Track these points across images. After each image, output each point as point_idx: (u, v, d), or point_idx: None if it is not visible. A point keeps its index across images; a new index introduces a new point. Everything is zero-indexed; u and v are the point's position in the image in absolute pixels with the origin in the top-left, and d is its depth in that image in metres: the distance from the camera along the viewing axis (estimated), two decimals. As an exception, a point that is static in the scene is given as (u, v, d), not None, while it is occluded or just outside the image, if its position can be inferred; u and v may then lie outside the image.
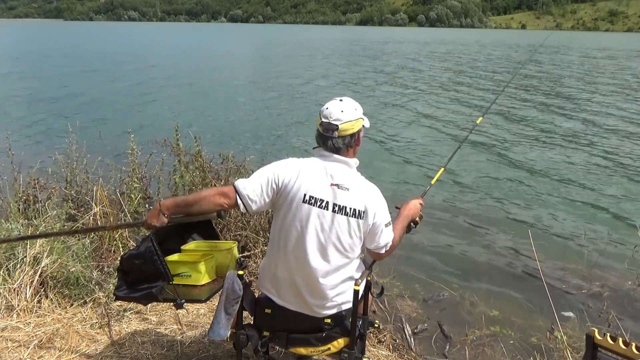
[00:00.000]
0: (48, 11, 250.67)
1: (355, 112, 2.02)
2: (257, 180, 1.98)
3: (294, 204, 1.95)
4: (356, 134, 2.03)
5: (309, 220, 1.94)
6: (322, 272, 1.97)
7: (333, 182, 1.96)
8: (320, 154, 2.04)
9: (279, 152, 8.02)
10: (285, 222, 1.98)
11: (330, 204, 1.94)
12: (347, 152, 2.03)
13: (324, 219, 1.94)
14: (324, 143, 2.01)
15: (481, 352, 3.29)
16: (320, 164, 2.00)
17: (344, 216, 1.94)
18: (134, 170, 4.19)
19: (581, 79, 22.46)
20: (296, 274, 1.99)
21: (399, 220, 2.22)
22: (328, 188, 1.95)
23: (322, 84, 18.90)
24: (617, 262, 4.83)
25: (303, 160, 2.04)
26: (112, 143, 8.05)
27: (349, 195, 1.95)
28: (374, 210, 1.97)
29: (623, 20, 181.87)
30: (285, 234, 1.99)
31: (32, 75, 19.76)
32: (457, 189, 7.06)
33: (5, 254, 3.09)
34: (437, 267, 4.65)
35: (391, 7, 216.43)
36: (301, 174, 1.97)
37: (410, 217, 2.28)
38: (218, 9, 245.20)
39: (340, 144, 1.99)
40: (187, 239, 2.42)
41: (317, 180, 1.96)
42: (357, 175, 2.03)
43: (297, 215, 1.95)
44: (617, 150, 9.44)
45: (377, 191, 2.04)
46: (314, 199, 1.94)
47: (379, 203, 2.00)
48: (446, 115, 12.82)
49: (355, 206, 1.94)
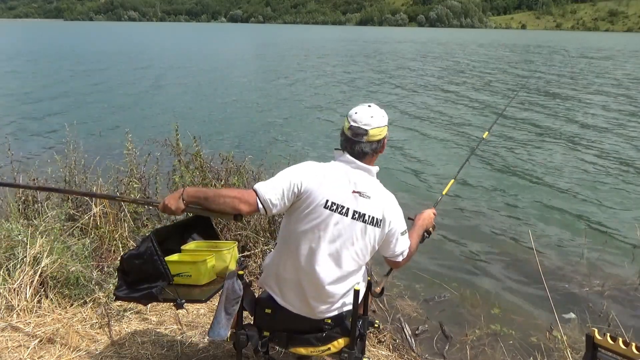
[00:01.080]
0: (48, 11, 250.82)
1: (383, 119, 2.01)
2: (279, 184, 1.92)
3: (315, 209, 1.92)
4: (382, 141, 2.03)
5: (327, 226, 1.92)
6: (331, 278, 1.97)
7: (355, 189, 1.95)
8: (343, 160, 2.00)
9: (279, 152, 8.03)
10: (302, 225, 1.95)
11: (350, 210, 1.93)
12: (372, 158, 2.02)
13: (343, 225, 1.93)
14: (351, 147, 1.99)
15: (481, 352, 3.29)
16: (342, 169, 1.98)
17: (363, 223, 1.94)
18: (132, 170, 4.19)
19: (583, 80, 22.46)
20: (304, 278, 1.98)
21: (415, 229, 2.25)
22: (350, 195, 1.94)
23: (323, 83, 18.90)
24: (617, 262, 4.83)
25: (325, 165, 2.01)
26: (111, 143, 8.07)
27: (370, 204, 1.94)
28: (391, 218, 1.98)
29: (623, 20, 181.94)
30: (300, 236, 1.96)
31: (31, 75, 19.76)
32: (457, 189, 7.06)
33: (5, 254, 3.09)
34: (437, 267, 4.64)
35: (391, 7, 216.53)
36: (325, 180, 1.94)
37: (425, 227, 2.32)
38: (218, 9, 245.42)
39: (368, 150, 1.99)
40: (187, 239, 2.42)
41: (340, 186, 1.94)
42: (378, 183, 2.03)
43: (315, 220, 1.93)
44: (617, 151, 9.44)
45: (395, 200, 2.04)
46: (336, 205, 1.92)
47: (396, 212, 2.01)
48: (451, 121, 12.78)
49: (374, 214, 1.95)
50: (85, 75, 20.07)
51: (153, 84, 18.04)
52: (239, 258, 2.41)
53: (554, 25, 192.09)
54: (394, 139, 9.97)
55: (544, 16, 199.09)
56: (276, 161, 4.55)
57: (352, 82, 19.55)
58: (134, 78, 19.55)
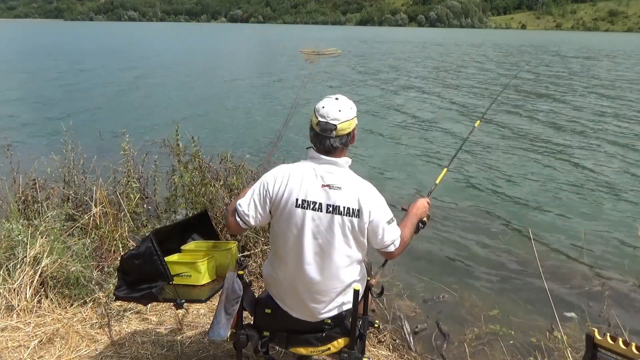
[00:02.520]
0: (48, 11, 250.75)
1: (351, 111, 1.98)
2: (250, 195, 2.00)
3: (288, 210, 1.93)
4: (352, 133, 2.01)
5: (304, 224, 1.92)
6: (322, 275, 1.96)
7: (324, 183, 1.93)
8: (310, 156, 2.00)
9: (279, 151, 8.01)
10: (281, 229, 1.97)
11: (323, 205, 1.91)
12: (342, 151, 2.00)
13: (320, 221, 1.92)
14: (320, 142, 1.96)
15: (481, 352, 3.28)
16: (310, 166, 1.97)
17: (339, 215, 1.91)
18: (130, 170, 4.19)
19: (570, 79, 22.46)
20: (297, 280, 1.99)
21: (408, 218, 2.19)
22: (320, 190, 1.92)
23: (321, 83, 18.89)
24: (617, 262, 4.83)
25: (292, 165, 2.01)
26: (111, 142, 8.04)
27: (342, 194, 1.91)
28: (369, 207, 1.92)
29: (623, 20, 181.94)
30: (283, 239, 1.97)
31: (31, 75, 19.75)
32: (458, 189, 7.06)
33: (5, 254, 3.09)
34: (436, 267, 4.64)
35: (391, 7, 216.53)
36: (291, 179, 1.94)
37: (419, 215, 2.25)
38: (218, 9, 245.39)
39: (338, 144, 1.96)
40: (187, 239, 2.42)
41: (308, 183, 1.93)
42: (349, 174, 1.99)
43: (291, 221, 1.93)
44: (617, 150, 9.43)
45: (371, 188, 1.99)
46: (307, 202, 1.91)
47: (373, 200, 1.95)
48: (445, 115, 12.81)
49: (348, 204, 1.91)
50: (84, 75, 20.06)
51: (152, 83, 18.02)
52: (239, 258, 2.41)
53: (554, 25, 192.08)
54: (392, 134, 9.98)
55: (544, 16, 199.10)
56: (275, 161, 4.54)
57: (352, 83, 19.53)
58: (133, 77, 19.53)
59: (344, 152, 2.01)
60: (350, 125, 1.97)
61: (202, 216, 2.53)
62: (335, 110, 1.94)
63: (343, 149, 2.00)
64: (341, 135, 1.95)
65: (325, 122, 1.93)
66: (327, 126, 1.93)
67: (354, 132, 2.02)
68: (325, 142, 1.95)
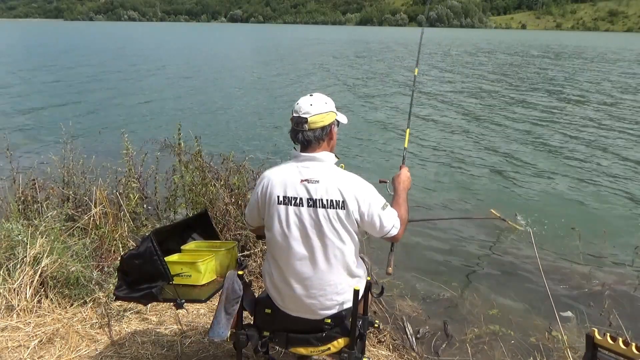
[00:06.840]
0: (48, 11, 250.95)
1: (326, 106, 2.03)
2: (249, 205, 2.18)
3: (273, 208, 1.97)
4: (328, 128, 2.03)
5: (288, 221, 1.94)
6: (314, 270, 1.96)
7: (302, 177, 1.95)
8: (292, 155, 2.06)
9: (279, 151, 8.02)
10: (270, 227, 2.00)
11: (304, 199, 1.93)
12: (318, 145, 2.02)
13: (303, 216, 1.93)
14: (295, 136, 2.02)
15: (481, 352, 3.28)
16: (291, 164, 2.02)
17: (323, 209, 1.91)
18: (130, 170, 4.19)
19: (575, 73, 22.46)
20: (291, 277, 1.99)
21: (399, 195, 2.23)
22: (299, 185, 1.94)
23: (321, 83, 18.89)
24: (617, 262, 4.83)
25: (276, 167, 2.07)
26: (110, 142, 8.04)
27: (321, 187, 1.92)
28: (354, 197, 1.92)
29: (623, 20, 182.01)
30: (273, 238, 2.00)
31: (30, 75, 19.74)
32: (458, 188, 7.06)
33: (6, 254, 3.09)
34: (437, 267, 4.64)
35: (391, 7, 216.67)
36: (272, 179, 2.00)
37: (407, 188, 2.30)
38: (218, 9, 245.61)
39: (311, 137, 1.99)
40: (187, 239, 2.42)
41: (288, 180, 1.96)
42: (329, 167, 2.00)
43: (277, 219, 1.96)
44: (617, 150, 9.43)
45: (355, 178, 1.98)
46: (287, 198, 1.95)
47: (358, 189, 1.94)
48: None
49: (329, 197, 1.91)
50: (83, 75, 20.05)
51: (151, 83, 18.02)
52: (239, 258, 2.40)
53: (554, 25, 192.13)
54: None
55: (544, 16, 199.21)
56: (276, 161, 4.54)
57: (352, 82, 19.54)
58: (133, 77, 19.53)
59: (322, 147, 2.04)
60: (323, 119, 2.01)
61: (202, 216, 2.54)
62: (307, 104, 2.01)
63: (320, 144, 2.03)
64: (314, 128, 1.99)
65: (297, 116, 2.01)
66: (299, 119, 2.00)
67: (332, 128, 2.06)
68: (299, 135, 2.01)
